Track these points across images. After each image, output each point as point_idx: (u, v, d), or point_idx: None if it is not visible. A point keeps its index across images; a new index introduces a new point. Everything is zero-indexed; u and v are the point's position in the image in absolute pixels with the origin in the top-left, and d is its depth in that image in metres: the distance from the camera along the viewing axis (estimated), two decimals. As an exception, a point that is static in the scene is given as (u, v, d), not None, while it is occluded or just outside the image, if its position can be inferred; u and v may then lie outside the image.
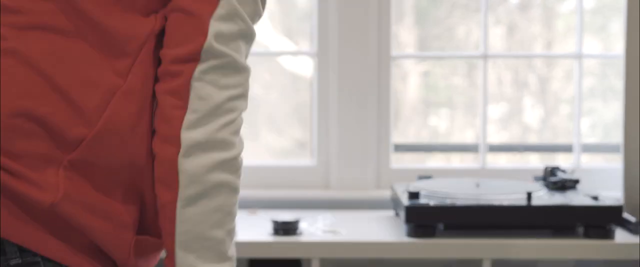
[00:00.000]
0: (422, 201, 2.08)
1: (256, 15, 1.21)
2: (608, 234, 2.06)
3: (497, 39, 2.71)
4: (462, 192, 2.13)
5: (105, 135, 1.13)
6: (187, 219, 1.16)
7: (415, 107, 2.79)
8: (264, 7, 1.22)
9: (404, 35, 2.73)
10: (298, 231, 2.11)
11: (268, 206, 2.46)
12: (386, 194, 2.44)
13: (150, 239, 1.21)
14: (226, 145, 1.16)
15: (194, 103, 1.15)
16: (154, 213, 1.20)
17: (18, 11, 1.13)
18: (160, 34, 1.18)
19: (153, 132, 1.18)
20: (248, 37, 1.20)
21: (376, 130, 2.53)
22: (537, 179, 2.37)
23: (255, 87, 2.71)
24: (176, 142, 1.15)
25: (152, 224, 1.21)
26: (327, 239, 2.09)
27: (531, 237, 2.08)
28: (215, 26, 1.15)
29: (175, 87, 1.15)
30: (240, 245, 1.80)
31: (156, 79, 1.18)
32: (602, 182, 2.48)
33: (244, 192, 2.52)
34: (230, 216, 1.19)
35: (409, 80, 2.78)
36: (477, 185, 2.24)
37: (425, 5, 2.75)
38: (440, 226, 2.11)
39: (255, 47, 1.20)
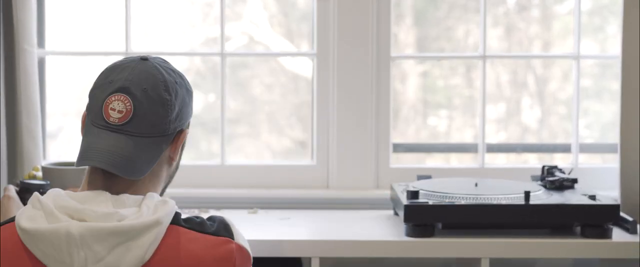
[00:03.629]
0: (421, 200, 2.09)
1: None
2: (605, 234, 2.07)
3: (495, 40, 2.72)
4: (461, 192, 2.13)
5: None
6: None
7: (414, 107, 2.80)
8: None
9: (403, 36, 2.75)
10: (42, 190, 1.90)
11: (268, 205, 2.47)
12: (385, 193, 2.45)
13: None
14: None
15: None
16: None
17: None
18: None
19: None
20: None
21: (376, 130, 2.54)
22: (535, 178, 2.38)
23: (256, 87, 2.73)
24: None
25: None
26: (327, 238, 2.10)
27: (529, 237, 2.08)
28: None
29: None
30: (241, 244, 1.81)
31: None
32: (599, 182, 2.49)
33: (244, 192, 2.54)
34: None
35: (408, 81, 2.79)
36: (476, 185, 2.25)
37: (424, 6, 2.77)
38: (439, 225, 2.12)
39: (255, 48, 1.22)
